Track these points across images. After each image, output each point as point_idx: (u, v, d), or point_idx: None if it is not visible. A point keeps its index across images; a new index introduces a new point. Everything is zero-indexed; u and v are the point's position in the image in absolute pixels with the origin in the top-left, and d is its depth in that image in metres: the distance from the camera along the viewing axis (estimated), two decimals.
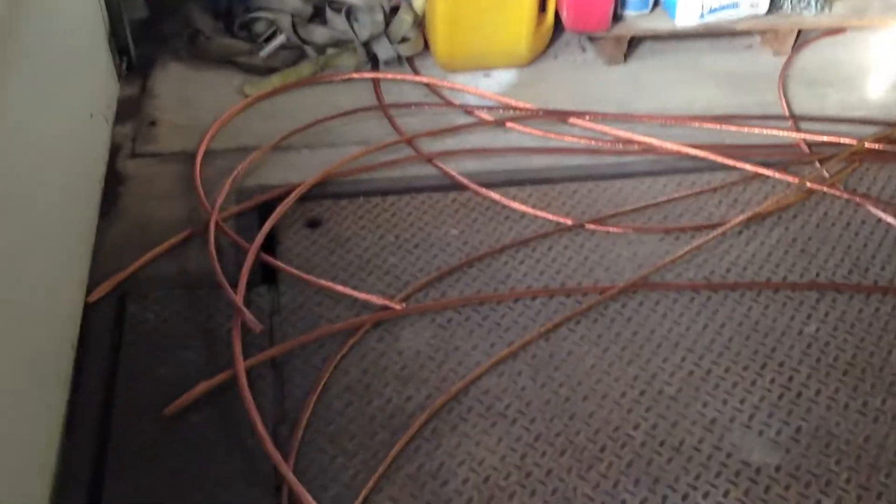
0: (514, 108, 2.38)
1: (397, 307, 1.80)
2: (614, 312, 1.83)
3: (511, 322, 1.80)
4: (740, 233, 2.02)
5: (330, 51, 2.51)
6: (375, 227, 2.01)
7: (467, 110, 2.37)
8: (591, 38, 2.63)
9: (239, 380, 1.61)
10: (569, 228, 2.02)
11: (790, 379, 1.70)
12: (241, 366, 1.64)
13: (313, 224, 2.03)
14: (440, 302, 1.84)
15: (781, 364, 1.73)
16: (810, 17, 2.57)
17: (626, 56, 2.60)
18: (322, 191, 2.09)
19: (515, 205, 2.06)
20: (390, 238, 1.99)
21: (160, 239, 1.93)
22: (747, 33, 2.64)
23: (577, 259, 1.95)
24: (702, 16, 2.50)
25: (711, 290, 1.88)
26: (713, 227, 2.02)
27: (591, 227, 2.03)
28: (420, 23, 2.55)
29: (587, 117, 2.34)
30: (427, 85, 2.47)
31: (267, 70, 2.45)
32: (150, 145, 2.24)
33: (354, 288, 1.84)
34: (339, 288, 1.83)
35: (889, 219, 2.05)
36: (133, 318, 1.77)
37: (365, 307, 1.81)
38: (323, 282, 1.85)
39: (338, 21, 2.49)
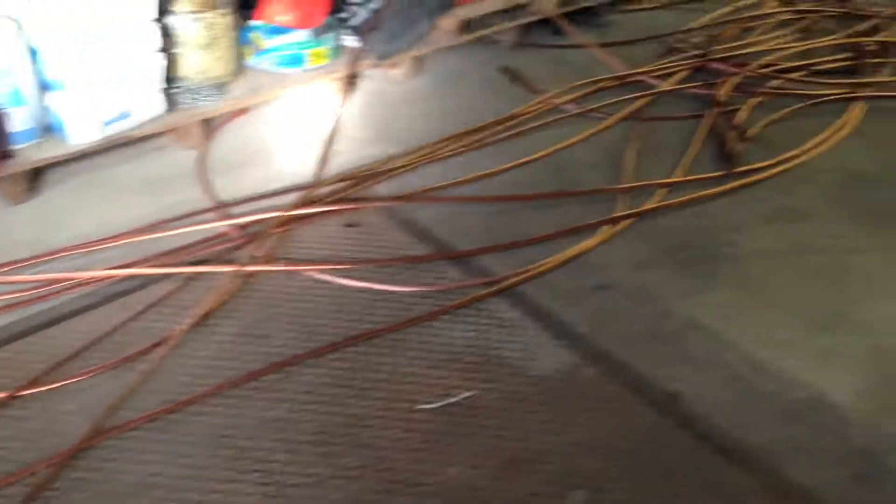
0: None
1: None
2: (75, 481, 1.62)
3: None
4: (190, 342, 1.95)
5: None
6: None
7: None
8: None
9: None
10: None
11: (270, 473, 1.66)
12: None
13: None
14: None
15: (263, 460, 1.68)
16: (209, 106, 2.62)
17: (35, 189, 2.40)
18: None
19: None
20: None
21: None
22: (154, 136, 2.61)
23: (21, 434, 1.70)
24: (99, 131, 2.40)
25: (172, 412, 1.77)
26: (162, 343, 1.92)
27: (27, 392, 1.79)
28: None
29: None
30: None
31: None
32: None
33: None
34: None
35: (325, 276, 2.15)
36: None
37: None
38: None
39: None
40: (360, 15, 2.88)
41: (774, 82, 3.05)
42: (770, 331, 2.04)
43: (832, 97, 2.99)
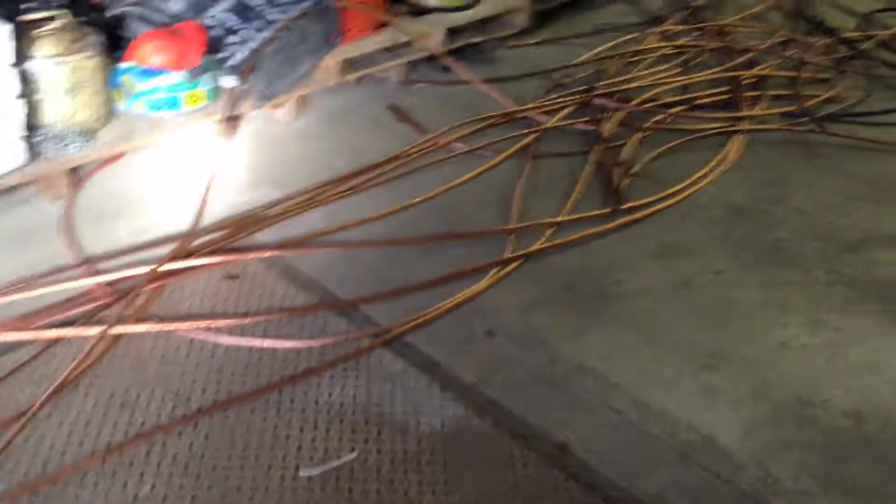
0: None
1: None
2: None
3: None
4: (50, 415, 1.81)
5: None
6: None
7: None
8: None
9: None
10: None
11: None
12: None
13: None
14: None
15: None
16: (77, 154, 2.48)
17: None
18: None
19: None
20: None
21: None
22: (17, 187, 2.45)
23: None
24: None
25: (27, 494, 1.63)
26: (18, 417, 1.77)
27: None
28: None
29: None
30: None
31: None
32: None
33: None
34: None
35: (201, 335, 2.04)
36: None
37: None
38: None
39: None
40: (239, 55, 2.78)
41: (658, 117, 3.10)
42: (656, 371, 2.04)
43: (713, 131, 3.05)
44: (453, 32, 3.27)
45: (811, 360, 2.09)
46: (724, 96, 3.28)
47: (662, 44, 3.62)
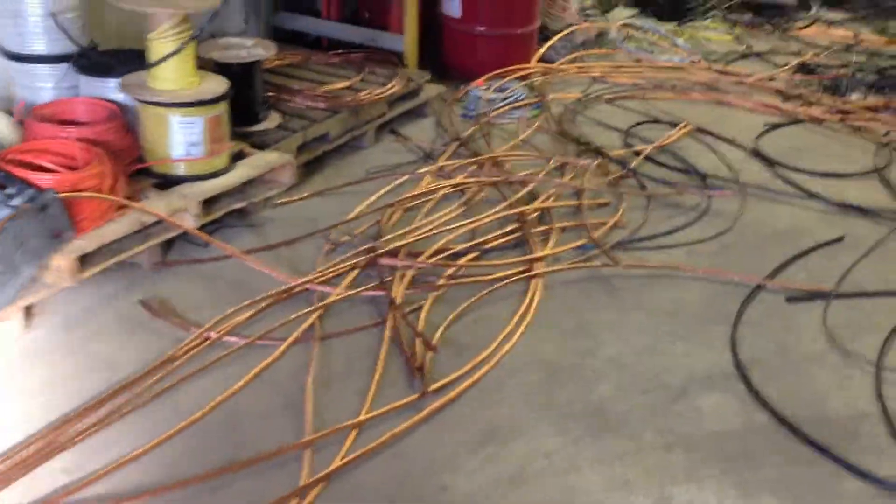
0: None
1: None
2: None
3: None
4: None
5: None
6: None
7: None
8: None
9: None
10: None
11: None
12: None
13: None
14: None
15: None
16: None
17: None
18: None
19: None
20: None
21: None
22: None
23: None
24: None
25: None
26: None
27: None
28: None
29: None
30: None
31: None
32: None
33: None
34: None
35: None
36: None
37: None
38: None
39: None
40: None
41: (450, 270, 2.85)
42: None
43: (510, 279, 2.84)
44: (210, 202, 2.86)
45: None
46: (514, 235, 3.11)
47: (441, 183, 3.42)
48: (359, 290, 2.71)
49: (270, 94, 3.59)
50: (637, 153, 3.83)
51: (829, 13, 6.57)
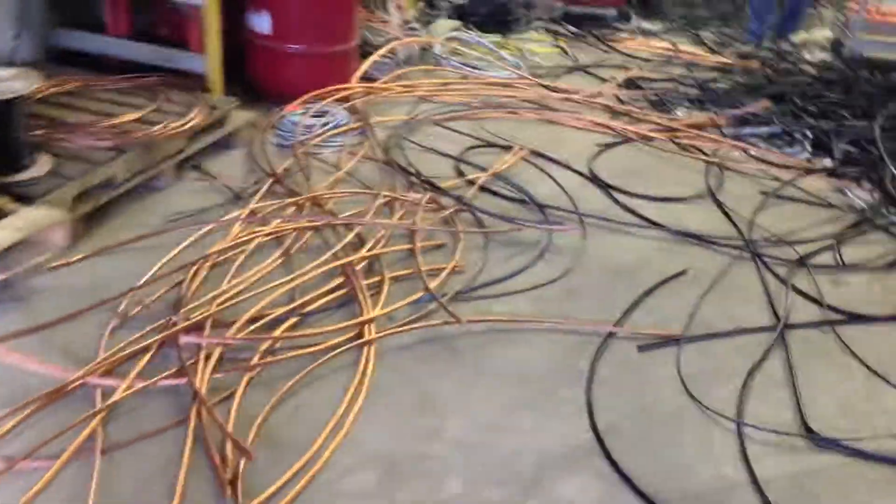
0: None
1: None
2: None
3: None
4: None
5: None
6: None
7: None
8: None
9: None
10: None
11: None
12: None
13: None
14: None
15: None
16: None
17: None
18: None
19: None
20: None
21: None
22: None
23: None
24: None
25: None
26: None
27: None
28: None
29: None
30: None
31: None
32: None
33: None
34: None
35: None
36: None
37: None
38: None
39: None
40: None
41: (266, 344, 2.43)
42: None
43: (338, 349, 2.45)
44: None
45: None
46: (340, 291, 2.72)
47: (255, 230, 2.98)
48: (152, 380, 2.22)
49: (39, 132, 3.00)
50: (471, 182, 3.54)
51: (647, 23, 6.62)
